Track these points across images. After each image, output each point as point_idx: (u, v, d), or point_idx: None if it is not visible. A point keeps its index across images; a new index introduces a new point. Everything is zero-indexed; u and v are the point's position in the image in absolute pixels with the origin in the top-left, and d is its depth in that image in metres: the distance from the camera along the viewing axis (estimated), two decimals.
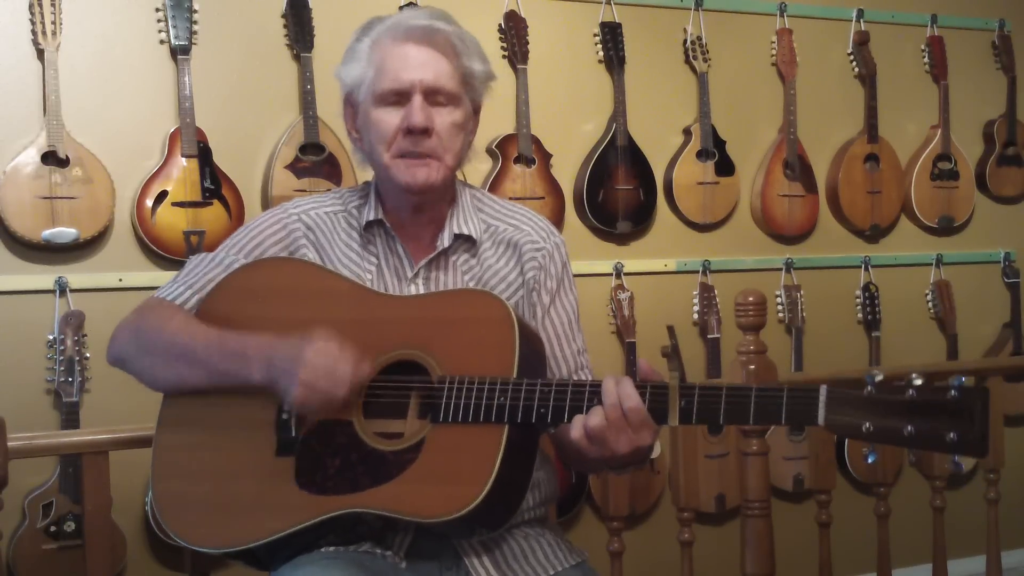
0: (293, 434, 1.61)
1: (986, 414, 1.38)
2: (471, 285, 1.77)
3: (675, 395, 1.51)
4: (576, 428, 1.54)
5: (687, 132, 3.79)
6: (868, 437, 1.42)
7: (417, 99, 1.69)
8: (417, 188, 1.72)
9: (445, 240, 1.78)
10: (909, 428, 1.40)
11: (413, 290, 1.76)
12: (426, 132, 1.69)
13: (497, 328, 1.61)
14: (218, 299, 1.73)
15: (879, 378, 1.43)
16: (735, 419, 1.49)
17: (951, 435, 1.38)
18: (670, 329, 1.54)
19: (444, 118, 1.71)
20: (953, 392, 1.39)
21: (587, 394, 1.55)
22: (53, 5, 2.97)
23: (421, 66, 1.69)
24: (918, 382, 1.41)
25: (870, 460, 1.50)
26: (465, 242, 1.80)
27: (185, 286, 1.76)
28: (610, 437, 1.52)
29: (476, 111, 1.81)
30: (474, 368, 1.58)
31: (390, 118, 1.71)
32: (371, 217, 1.78)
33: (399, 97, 1.70)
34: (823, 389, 1.45)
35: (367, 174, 3.41)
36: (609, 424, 1.51)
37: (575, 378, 1.82)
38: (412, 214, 1.78)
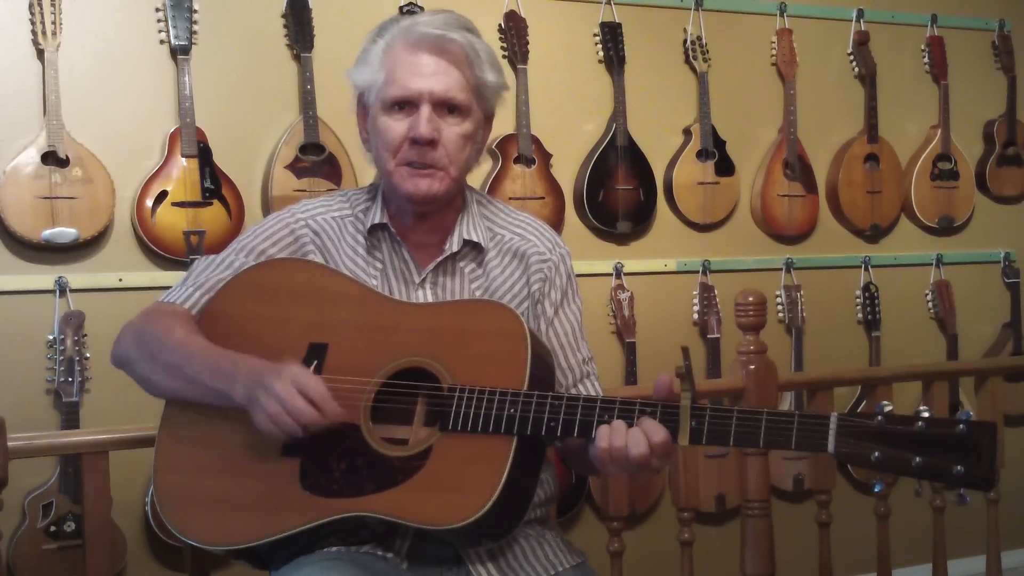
0: (300, 435, 1.61)
1: (994, 449, 1.40)
2: (478, 294, 1.77)
3: (686, 415, 1.52)
4: (602, 439, 1.53)
5: (687, 132, 3.79)
6: (876, 466, 1.44)
7: (425, 110, 1.68)
8: (419, 198, 1.71)
9: (454, 245, 1.77)
10: (917, 459, 1.42)
11: (420, 295, 1.76)
12: (432, 143, 1.68)
13: (509, 341, 1.61)
14: (227, 300, 1.72)
15: (888, 408, 1.45)
16: (745, 442, 1.50)
17: (958, 468, 1.40)
18: (684, 350, 1.54)
19: (452, 129, 1.70)
20: (962, 426, 1.41)
21: (598, 409, 1.56)
22: (53, 5, 2.97)
23: (431, 76, 1.68)
24: (926, 414, 1.43)
25: (877, 490, 1.52)
26: (472, 249, 1.80)
27: (194, 287, 1.75)
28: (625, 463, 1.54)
29: (488, 119, 1.79)
30: (484, 379, 1.58)
31: (397, 126, 1.70)
32: (376, 221, 1.78)
33: (407, 106, 1.69)
34: (834, 418, 1.46)
35: (367, 175, 3.42)
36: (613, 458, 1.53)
37: (580, 387, 1.82)
38: (416, 220, 1.78)
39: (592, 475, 2.73)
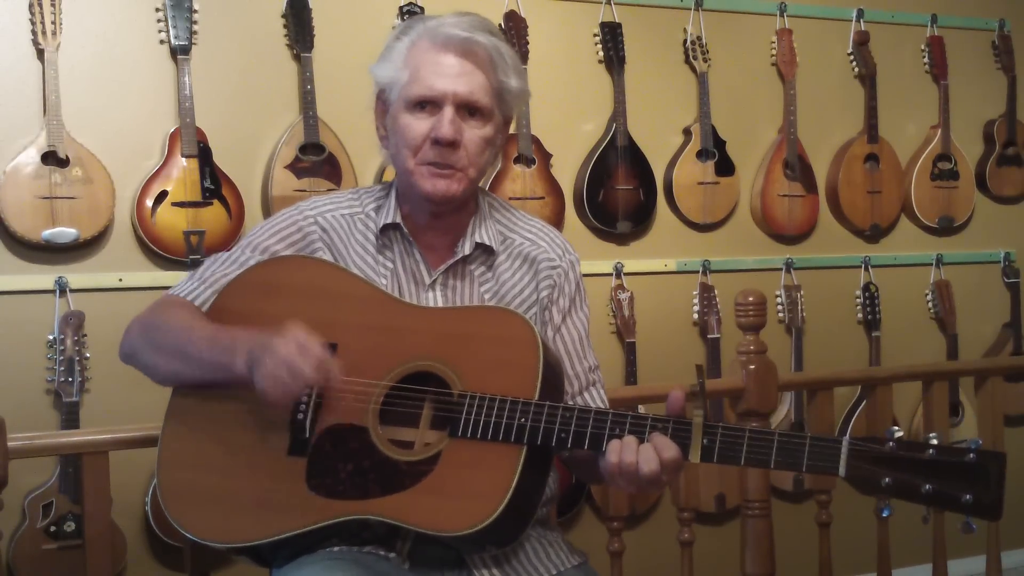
0: (307, 435, 1.61)
1: (1002, 479, 1.41)
2: (487, 297, 1.77)
3: (698, 433, 1.52)
4: (612, 454, 1.53)
5: (687, 132, 3.79)
6: (887, 492, 1.44)
7: (448, 111, 1.67)
8: (437, 199, 1.71)
9: (466, 248, 1.77)
10: (927, 487, 1.42)
11: (430, 296, 1.75)
12: (453, 145, 1.68)
13: (522, 349, 1.61)
14: (234, 295, 1.72)
15: (899, 434, 1.46)
16: (756, 462, 1.51)
17: (967, 497, 1.41)
18: (699, 368, 1.55)
19: (473, 132, 1.70)
20: (972, 455, 1.42)
21: (609, 423, 1.56)
22: (53, 5, 2.97)
23: (456, 78, 1.67)
24: (936, 441, 1.44)
25: (884, 515, 1.52)
26: (483, 252, 1.79)
27: (200, 282, 1.76)
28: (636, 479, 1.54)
29: (507, 123, 1.79)
30: (495, 386, 1.58)
31: (419, 125, 1.69)
32: (388, 220, 1.77)
33: (430, 105, 1.68)
34: (845, 441, 1.47)
35: (367, 175, 3.42)
36: (621, 472, 1.53)
37: (585, 395, 1.82)
38: (430, 220, 1.77)
39: (596, 484, 2.73)
